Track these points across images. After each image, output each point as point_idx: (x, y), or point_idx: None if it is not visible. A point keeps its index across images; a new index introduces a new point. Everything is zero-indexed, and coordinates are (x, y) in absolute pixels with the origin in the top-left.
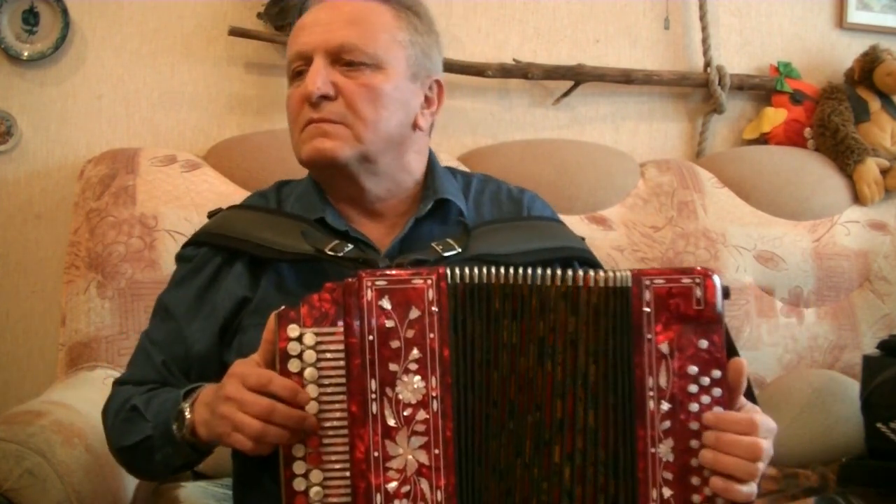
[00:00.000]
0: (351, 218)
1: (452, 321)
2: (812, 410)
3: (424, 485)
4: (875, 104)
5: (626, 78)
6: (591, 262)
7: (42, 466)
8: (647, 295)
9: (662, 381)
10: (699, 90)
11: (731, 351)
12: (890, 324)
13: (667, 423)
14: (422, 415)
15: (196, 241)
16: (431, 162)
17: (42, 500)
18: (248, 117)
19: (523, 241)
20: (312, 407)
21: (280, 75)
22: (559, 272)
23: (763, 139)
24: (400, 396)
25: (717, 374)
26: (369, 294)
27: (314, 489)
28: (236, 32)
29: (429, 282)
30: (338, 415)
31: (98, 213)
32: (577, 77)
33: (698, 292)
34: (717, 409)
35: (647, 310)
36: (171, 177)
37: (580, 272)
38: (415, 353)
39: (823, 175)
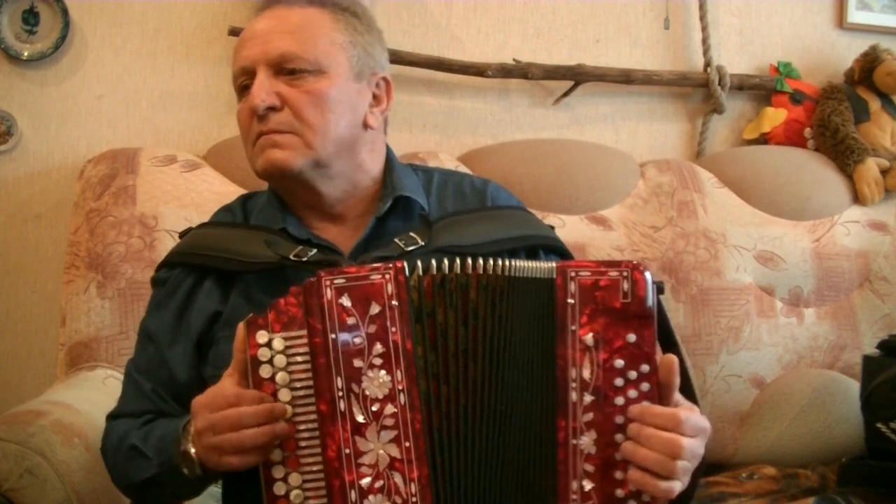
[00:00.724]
0: (313, 224)
1: (416, 314)
2: (812, 410)
3: (398, 478)
4: (875, 104)
5: (626, 78)
6: (558, 249)
7: (42, 466)
8: (572, 286)
9: (586, 374)
10: (699, 90)
11: (671, 347)
12: (890, 324)
13: (590, 416)
14: (389, 409)
15: (169, 263)
16: (390, 159)
17: (42, 500)
18: None
19: (488, 231)
20: (286, 411)
21: None
22: (493, 262)
23: (763, 139)
24: (367, 392)
25: (645, 368)
26: (329, 293)
27: (294, 492)
28: (236, 32)
29: (387, 276)
30: (312, 417)
31: (98, 213)
32: (577, 77)
33: (626, 285)
34: (645, 404)
35: (571, 301)
36: (171, 177)
37: (508, 262)
38: (378, 348)
39: (823, 175)
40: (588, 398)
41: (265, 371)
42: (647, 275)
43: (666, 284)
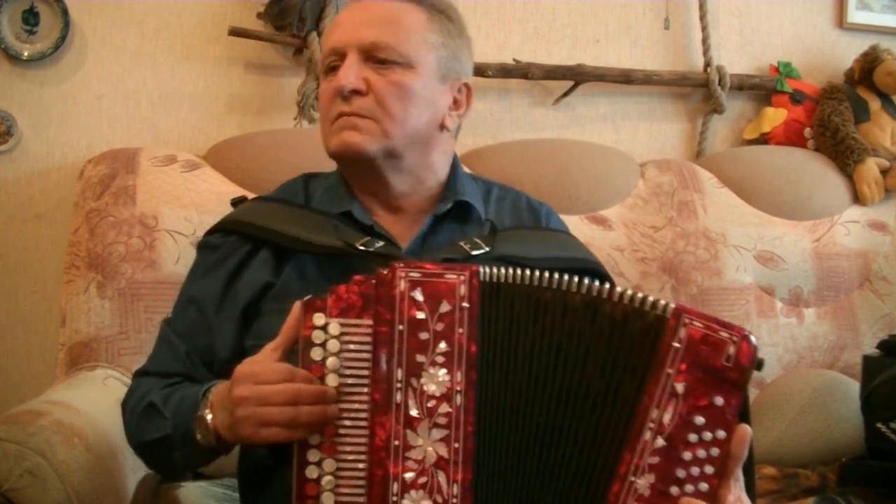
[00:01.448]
0: (374, 212)
1: (479, 318)
2: (812, 410)
3: (441, 477)
4: (875, 104)
5: (625, 78)
6: (602, 276)
7: (42, 466)
8: (682, 332)
9: (666, 418)
10: (699, 90)
11: (744, 418)
12: (890, 324)
13: (655, 459)
14: (444, 408)
15: (224, 229)
16: (455, 165)
17: (42, 500)
18: (248, 117)
19: (546, 248)
20: (336, 396)
21: (280, 75)
22: (593, 282)
23: (763, 139)
24: (425, 388)
25: (721, 434)
26: (402, 285)
27: (326, 478)
28: (236, 32)
29: (462, 277)
30: (356, 406)
31: (98, 213)
32: (577, 77)
33: (731, 349)
34: (706, 479)
35: (677, 345)
36: (171, 177)
37: (612, 288)
38: (442, 346)
39: (823, 175)
40: (660, 442)
41: (316, 354)
42: (754, 345)
43: (666, 284)
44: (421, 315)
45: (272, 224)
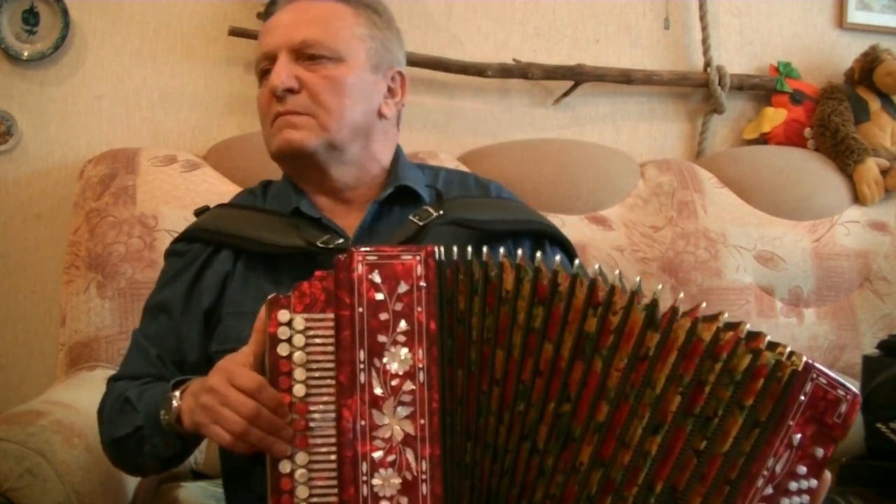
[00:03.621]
0: (323, 206)
1: (439, 297)
2: None
3: (409, 454)
4: (875, 104)
5: (625, 78)
6: (560, 240)
7: (42, 466)
8: (809, 386)
9: (779, 467)
10: (699, 90)
11: None
12: (890, 324)
13: None
14: (408, 385)
15: (188, 237)
16: (398, 153)
17: (42, 500)
18: (248, 117)
19: (494, 212)
20: (300, 390)
21: None
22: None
23: (763, 139)
24: (387, 367)
25: (814, 483)
26: (360, 268)
27: (299, 471)
28: (236, 32)
29: (417, 258)
30: (325, 398)
31: (98, 213)
32: (577, 77)
33: (843, 408)
34: None
35: (802, 398)
36: (171, 177)
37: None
38: (403, 325)
39: (823, 175)
40: (769, 490)
41: (283, 349)
42: (860, 407)
43: (666, 284)
44: (380, 296)
45: (234, 228)
